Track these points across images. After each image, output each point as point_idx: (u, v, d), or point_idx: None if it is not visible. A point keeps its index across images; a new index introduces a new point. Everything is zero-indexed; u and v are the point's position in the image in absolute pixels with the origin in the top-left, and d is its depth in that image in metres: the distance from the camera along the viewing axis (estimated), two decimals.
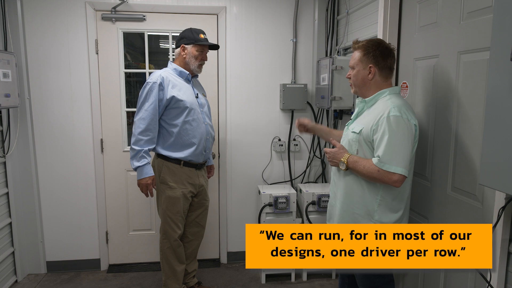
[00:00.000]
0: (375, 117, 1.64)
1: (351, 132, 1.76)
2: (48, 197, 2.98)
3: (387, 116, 1.59)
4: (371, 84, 1.74)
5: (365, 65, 1.72)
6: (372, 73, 1.71)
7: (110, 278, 2.99)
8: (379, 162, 1.59)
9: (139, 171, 2.31)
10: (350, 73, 1.80)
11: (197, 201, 2.57)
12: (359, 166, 1.66)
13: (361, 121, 1.74)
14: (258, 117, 3.16)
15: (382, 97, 1.71)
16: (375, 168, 1.60)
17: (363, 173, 1.65)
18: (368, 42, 1.74)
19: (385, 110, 1.62)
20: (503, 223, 1.38)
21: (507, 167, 1.13)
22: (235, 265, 3.23)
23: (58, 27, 2.84)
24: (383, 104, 1.66)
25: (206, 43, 2.42)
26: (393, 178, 1.57)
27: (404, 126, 1.59)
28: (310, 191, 2.90)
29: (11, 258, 2.87)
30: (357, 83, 1.77)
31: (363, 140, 1.69)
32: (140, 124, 2.29)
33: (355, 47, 1.77)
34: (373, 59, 1.70)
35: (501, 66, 1.13)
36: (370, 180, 1.67)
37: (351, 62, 1.78)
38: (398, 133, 1.58)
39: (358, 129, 1.72)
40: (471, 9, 1.59)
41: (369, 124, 1.66)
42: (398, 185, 1.60)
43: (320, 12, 3.06)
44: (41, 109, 2.89)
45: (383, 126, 1.59)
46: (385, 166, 1.57)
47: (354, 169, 1.70)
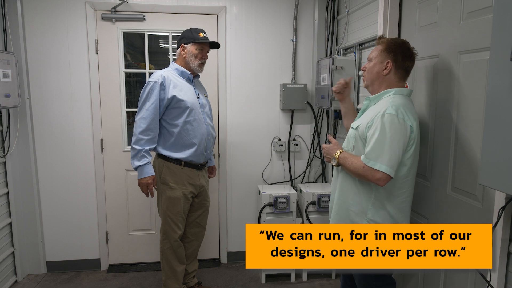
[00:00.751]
0: (373, 114, 1.64)
1: (350, 128, 1.79)
2: (48, 197, 2.99)
3: (382, 114, 1.58)
4: (384, 80, 1.73)
5: (383, 60, 1.71)
6: (388, 69, 1.70)
7: (110, 278, 2.99)
8: (365, 158, 1.59)
9: (139, 170, 2.31)
10: (365, 66, 1.79)
11: (197, 201, 2.57)
12: (347, 162, 1.67)
13: (362, 118, 1.74)
14: (258, 117, 3.16)
15: (387, 96, 1.71)
16: (361, 164, 1.60)
17: (351, 169, 1.66)
18: (393, 39, 1.75)
19: (382, 108, 1.62)
20: (503, 223, 1.38)
21: (507, 167, 1.13)
22: (235, 265, 3.23)
23: (58, 27, 2.84)
24: (384, 103, 1.66)
25: (205, 40, 2.42)
26: (376, 176, 1.55)
27: (398, 125, 1.57)
28: (310, 191, 2.90)
29: (11, 258, 2.87)
30: (371, 76, 1.75)
31: (359, 136, 1.69)
32: (141, 123, 2.29)
33: (379, 41, 1.76)
34: (393, 56, 1.70)
35: (501, 66, 1.13)
36: (357, 177, 1.67)
37: (370, 54, 1.77)
38: (389, 132, 1.56)
39: (355, 125, 1.73)
40: (471, 9, 1.59)
41: (366, 121, 1.66)
42: (381, 184, 1.57)
43: (320, 12, 3.06)
44: (41, 109, 2.89)
45: (376, 123, 1.59)
46: (370, 163, 1.56)
47: (343, 165, 1.71)
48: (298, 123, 3.21)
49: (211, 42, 2.47)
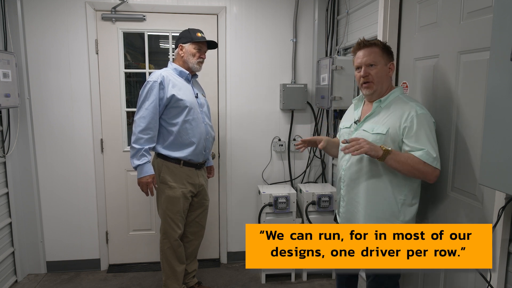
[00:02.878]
0: (400, 116, 1.65)
1: (372, 134, 1.69)
2: (48, 197, 2.98)
3: (416, 114, 1.62)
4: (388, 81, 1.76)
5: (386, 62, 1.73)
6: (392, 70, 1.75)
7: (110, 278, 2.99)
8: (426, 156, 1.58)
9: (139, 169, 2.31)
10: (369, 71, 1.71)
11: (197, 200, 2.57)
12: (401, 157, 1.60)
13: (381, 121, 1.70)
14: (258, 117, 3.16)
15: (394, 95, 1.74)
16: (420, 161, 1.59)
17: (408, 161, 1.59)
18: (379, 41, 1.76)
19: (410, 109, 1.64)
20: (503, 223, 1.38)
21: (507, 167, 1.13)
22: (235, 265, 3.23)
23: (58, 27, 2.84)
24: (403, 104, 1.69)
25: (202, 40, 2.44)
26: (435, 173, 1.61)
27: (432, 123, 1.65)
28: (310, 191, 2.89)
29: (11, 258, 2.87)
30: (380, 80, 1.72)
31: (390, 140, 1.66)
32: (141, 122, 2.29)
33: (368, 43, 1.72)
34: (391, 56, 1.76)
35: (501, 66, 1.13)
36: (409, 173, 1.61)
37: (369, 59, 1.71)
38: (432, 131, 1.63)
39: (383, 130, 1.67)
40: (471, 9, 1.59)
41: (395, 124, 1.65)
42: (435, 180, 1.63)
43: (320, 12, 3.06)
44: (41, 109, 2.89)
45: (415, 123, 1.61)
46: (429, 160, 1.59)
47: (394, 160, 1.60)
48: (298, 123, 3.21)
49: (208, 41, 2.49)
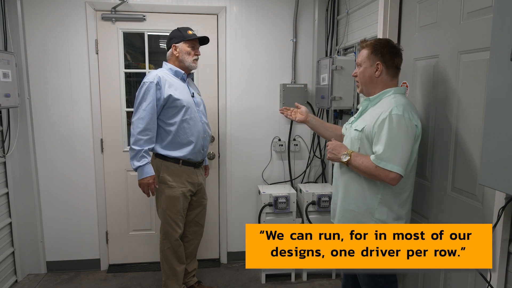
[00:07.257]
0: (377, 114, 1.65)
1: (353, 130, 1.77)
2: (48, 197, 2.98)
3: (388, 115, 1.60)
4: (378, 82, 1.74)
5: (373, 62, 1.73)
6: (379, 71, 1.72)
7: (110, 278, 2.99)
8: (376, 159, 1.59)
9: (139, 171, 2.31)
10: (356, 71, 1.80)
11: (195, 199, 2.58)
12: (358, 161, 1.66)
13: (364, 119, 1.74)
14: (258, 117, 3.16)
15: (387, 95, 1.72)
16: (372, 165, 1.60)
17: (361, 168, 1.65)
18: (376, 40, 1.76)
19: (387, 108, 1.63)
20: (503, 223, 1.38)
21: (507, 167, 1.13)
22: (235, 265, 3.23)
23: (58, 27, 2.84)
24: (387, 103, 1.67)
25: (195, 37, 2.45)
26: (389, 176, 1.58)
27: (405, 125, 1.59)
28: (310, 191, 2.90)
29: (11, 258, 2.87)
30: (364, 81, 1.77)
31: (365, 137, 1.69)
32: (139, 124, 2.29)
33: (363, 45, 1.77)
34: (380, 56, 1.71)
35: (501, 66, 1.13)
36: (366, 176, 1.67)
37: (358, 59, 1.78)
38: (398, 132, 1.58)
39: (360, 127, 1.72)
40: (471, 9, 1.59)
41: (371, 122, 1.67)
42: (394, 183, 1.60)
43: (320, 12, 3.06)
44: (41, 109, 2.89)
45: (384, 124, 1.60)
46: (381, 163, 1.58)
47: (353, 164, 1.69)
48: (298, 123, 3.20)
49: (200, 38, 2.49)
